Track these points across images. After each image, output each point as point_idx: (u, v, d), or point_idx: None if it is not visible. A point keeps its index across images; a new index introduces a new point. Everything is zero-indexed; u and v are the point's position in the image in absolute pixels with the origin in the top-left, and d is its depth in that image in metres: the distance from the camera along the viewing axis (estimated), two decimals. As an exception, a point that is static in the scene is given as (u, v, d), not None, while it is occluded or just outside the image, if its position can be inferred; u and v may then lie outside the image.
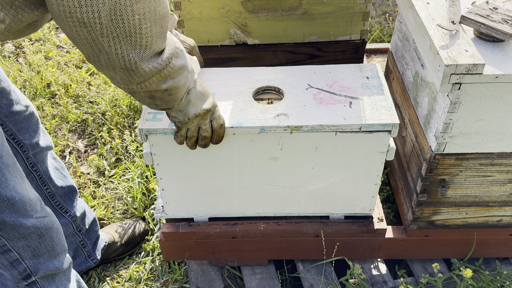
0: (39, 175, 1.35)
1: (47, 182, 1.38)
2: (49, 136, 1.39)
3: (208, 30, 1.54)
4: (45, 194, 1.39)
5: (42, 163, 1.36)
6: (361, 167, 1.28)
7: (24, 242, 1.09)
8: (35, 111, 1.31)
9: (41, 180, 1.37)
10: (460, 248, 1.48)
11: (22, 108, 1.25)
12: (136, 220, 1.75)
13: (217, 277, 1.53)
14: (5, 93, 1.21)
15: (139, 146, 2.07)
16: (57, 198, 1.43)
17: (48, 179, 1.38)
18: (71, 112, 2.24)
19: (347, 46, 1.60)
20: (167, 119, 1.20)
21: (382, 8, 2.92)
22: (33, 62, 2.51)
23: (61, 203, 1.44)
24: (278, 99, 1.28)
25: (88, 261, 1.58)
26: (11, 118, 1.23)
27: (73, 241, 1.51)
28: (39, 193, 1.37)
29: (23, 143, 1.28)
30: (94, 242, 1.59)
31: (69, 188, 1.46)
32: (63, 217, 1.45)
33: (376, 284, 1.47)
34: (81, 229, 1.51)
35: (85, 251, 1.56)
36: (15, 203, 1.03)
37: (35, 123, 1.31)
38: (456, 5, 1.21)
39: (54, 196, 1.42)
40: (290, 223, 1.44)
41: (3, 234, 1.06)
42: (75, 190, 1.49)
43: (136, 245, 1.71)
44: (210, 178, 1.31)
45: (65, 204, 1.45)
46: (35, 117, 1.31)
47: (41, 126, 1.35)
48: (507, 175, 1.27)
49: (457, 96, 1.09)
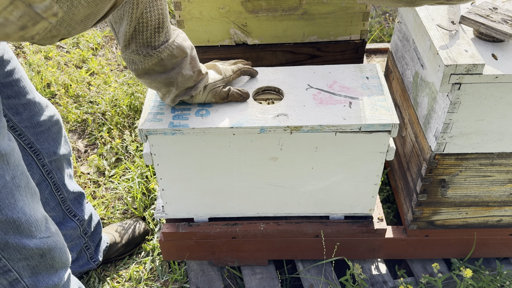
0: (53, 182, 1.36)
1: (61, 188, 1.39)
2: (69, 144, 1.39)
3: (208, 30, 1.54)
4: (58, 200, 1.40)
5: (57, 170, 1.36)
6: (361, 167, 1.28)
7: (25, 262, 1.07)
8: (60, 120, 1.31)
9: (56, 187, 1.37)
10: (460, 248, 1.48)
11: (45, 118, 1.26)
12: (136, 220, 1.75)
13: (217, 277, 1.53)
14: (30, 105, 1.21)
15: (139, 146, 2.07)
16: (67, 203, 1.43)
17: (62, 186, 1.39)
18: (71, 112, 2.24)
19: (347, 46, 1.60)
20: (167, 119, 1.20)
21: (382, 8, 2.92)
22: (33, 62, 2.51)
23: (71, 207, 1.45)
24: (278, 99, 1.28)
25: (90, 263, 1.58)
26: (31, 129, 1.24)
27: (78, 243, 1.51)
28: (52, 199, 1.38)
29: (39, 151, 1.28)
30: (97, 244, 1.59)
31: (78, 193, 1.47)
32: (72, 221, 1.45)
33: (376, 284, 1.47)
34: (87, 232, 1.52)
35: (88, 253, 1.56)
36: (21, 225, 1.01)
37: (56, 132, 1.31)
38: (456, 5, 1.21)
39: (65, 201, 1.42)
40: (290, 223, 1.44)
41: (4, 255, 1.03)
42: (83, 194, 1.49)
43: (136, 245, 1.71)
44: (210, 178, 1.31)
45: (75, 208, 1.46)
46: (58, 126, 1.31)
47: (64, 133, 1.35)
48: (507, 175, 1.27)
49: (457, 96, 1.09)
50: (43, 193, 1.35)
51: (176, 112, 1.22)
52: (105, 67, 2.49)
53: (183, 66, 1.09)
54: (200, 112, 1.22)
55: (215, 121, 1.19)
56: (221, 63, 1.30)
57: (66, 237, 1.46)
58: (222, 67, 1.26)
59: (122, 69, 2.54)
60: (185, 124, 1.19)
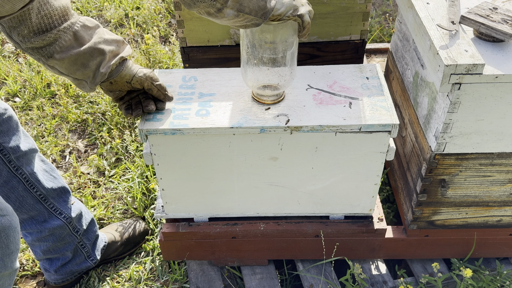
0: (25, 178, 1.34)
1: (36, 184, 1.37)
2: (31, 139, 1.38)
3: (208, 30, 1.54)
4: (35, 197, 1.38)
5: (27, 166, 1.34)
6: (361, 167, 1.28)
7: None
8: (13, 115, 1.29)
9: (29, 183, 1.36)
10: (460, 248, 1.48)
11: (0, 111, 1.25)
12: (136, 219, 1.75)
13: (217, 277, 1.53)
14: None
15: (139, 146, 2.07)
16: (50, 200, 1.42)
17: (36, 182, 1.37)
18: (71, 112, 2.25)
19: (347, 46, 1.60)
20: (167, 119, 1.20)
21: (382, 8, 2.92)
22: (33, 62, 2.51)
23: (54, 205, 1.43)
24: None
25: (88, 261, 1.58)
26: None
27: (71, 241, 1.51)
28: (29, 196, 1.37)
29: (3, 146, 1.27)
30: (94, 242, 1.59)
31: (61, 189, 1.45)
32: (57, 219, 1.44)
33: (376, 284, 1.47)
34: (78, 230, 1.51)
35: (84, 251, 1.56)
36: None
37: (14, 126, 1.29)
38: (456, 5, 1.21)
39: (46, 198, 1.41)
40: (290, 223, 1.44)
41: None
42: (67, 191, 1.48)
43: (136, 244, 1.71)
44: (210, 178, 1.31)
45: (59, 205, 1.45)
46: (14, 120, 1.29)
47: (22, 129, 1.34)
48: (507, 175, 1.27)
49: (457, 96, 1.09)
50: (17, 190, 1.34)
51: (176, 112, 1.22)
52: (105, 67, 2.49)
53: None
54: (200, 112, 1.22)
55: (215, 121, 1.19)
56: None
57: (55, 236, 1.46)
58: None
59: (122, 69, 2.54)
60: (185, 124, 1.19)
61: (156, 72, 1.36)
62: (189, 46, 1.57)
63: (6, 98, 2.37)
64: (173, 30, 2.78)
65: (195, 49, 1.58)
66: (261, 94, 1.23)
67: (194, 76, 1.34)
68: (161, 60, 2.46)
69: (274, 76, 1.17)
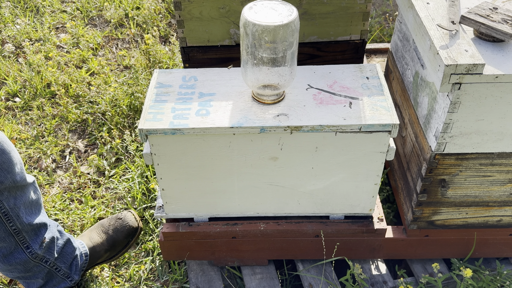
0: (4, 212, 1.28)
1: (13, 219, 1.31)
2: (24, 173, 1.31)
3: (208, 30, 1.54)
4: (9, 230, 1.32)
5: (9, 200, 1.28)
6: (361, 167, 1.28)
7: None
8: (6, 149, 1.23)
9: (6, 217, 1.30)
10: (460, 248, 1.48)
11: None
12: (122, 216, 1.64)
13: (217, 277, 1.53)
14: None
15: (139, 146, 2.07)
16: (22, 234, 1.35)
17: (15, 217, 1.31)
18: (71, 112, 2.25)
19: (347, 46, 1.60)
20: (167, 119, 1.20)
21: (382, 8, 2.92)
22: (33, 62, 2.51)
23: (25, 239, 1.37)
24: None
25: (66, 281, 1.52)
26: None
27: (40, 271, 1.44)
28: (2, 228, 1.30)
29: None
30: (71, 264, 1.51)
31: (38, 226, 1.39)
32: (23, 253, 1.38)
33: (376, 284, 1.47)
34: (48, 260, 1.44)
35: (59, 274, 1.49)
36: None
37: (5, 160, 1.23)
38: (456, 5, 1.21)
39: (19, 232, 1.34)
40: (290, 223, 1.44)
41: None
42: (44, 226, 1.41)
43: (124, 246, 1.63)
44: (210, 178, 1.31)
45: (30, 240, 1.38)
46: (5, 156, 1.23)
47: (17, 161, 1.28)
48: (507, 175, 1.27)
49: (457, 96, 1.09)
50: None
51: (176, 112, 1.22)
52: (105, 67, 2.49)
53: None
54: (200, 112, 1.22)
55: (215, 121, 1.19)
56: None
57: (22, 267, 1.40)
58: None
59: (122, 69, 2.55)
60: (185, 124, 1.19)
61: (156, 72, 1.36)
62: (189, 46, 1.57)
63: (6, 98, 2.37)
64: (173, 30, 2.78)
65: (195, 49, 1.58)
66: (261, 94, 1.23)
67: (194, 76, 1.35)
68: (161, 60, 2.46)
69: (274, 76, 1.18)
